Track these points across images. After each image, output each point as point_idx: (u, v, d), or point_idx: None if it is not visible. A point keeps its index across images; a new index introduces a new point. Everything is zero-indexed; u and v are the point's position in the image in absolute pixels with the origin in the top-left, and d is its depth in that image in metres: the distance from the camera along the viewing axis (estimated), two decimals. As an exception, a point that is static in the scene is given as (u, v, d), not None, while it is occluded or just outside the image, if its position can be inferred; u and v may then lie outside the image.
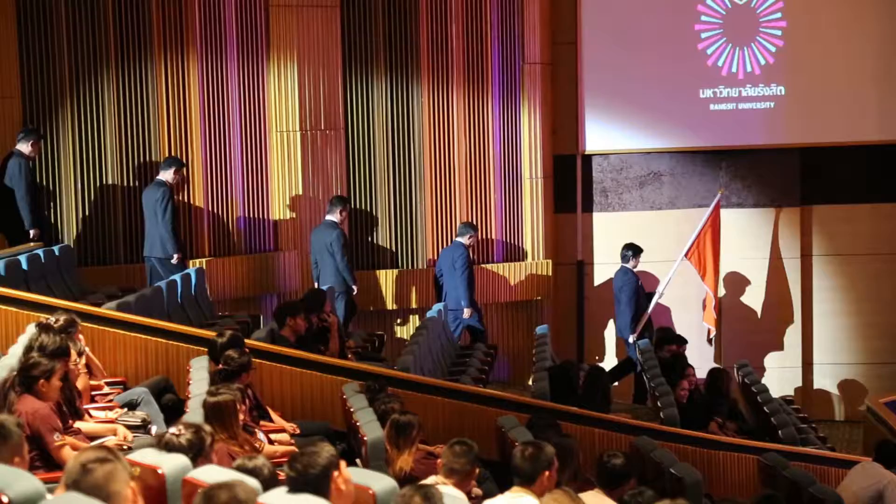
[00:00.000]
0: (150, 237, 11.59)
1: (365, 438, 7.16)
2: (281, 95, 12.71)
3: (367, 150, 13.53)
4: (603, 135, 14.60)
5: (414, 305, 13.49)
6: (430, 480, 6.17)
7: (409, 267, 13.70)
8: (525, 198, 14.03)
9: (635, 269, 13.67)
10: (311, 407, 9.14)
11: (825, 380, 14.78)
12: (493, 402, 9.62)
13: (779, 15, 14.42)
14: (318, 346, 10.14)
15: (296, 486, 4.53)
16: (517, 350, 14.07)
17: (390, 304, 13.54)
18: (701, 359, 14.13)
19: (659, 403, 10.88)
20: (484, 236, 13.89)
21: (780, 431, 10.80)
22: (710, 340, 14.20)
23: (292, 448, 7.51)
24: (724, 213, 14.61)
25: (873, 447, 9.75)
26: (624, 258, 13.70)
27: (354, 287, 12.42)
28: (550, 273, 14.12)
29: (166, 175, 11.64)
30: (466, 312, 12.91)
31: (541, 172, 14.04)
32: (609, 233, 14.71)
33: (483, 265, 13.84)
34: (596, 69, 14.48)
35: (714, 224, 13.97)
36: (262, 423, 8.02)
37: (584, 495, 6.35)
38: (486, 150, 13.84)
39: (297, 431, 8.16)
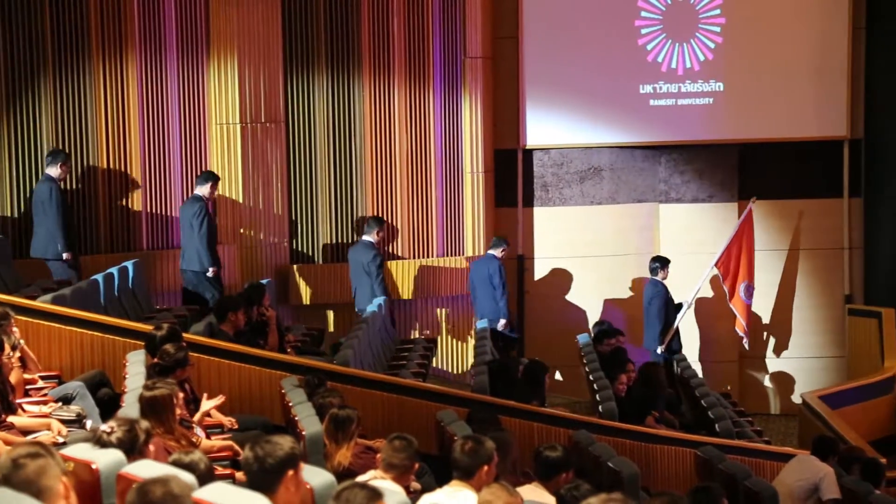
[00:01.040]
0: (186, 251, 11.79)
1: (303, 433, 7.14)
2: (221, 88, 12.61)
3: (308, 143, 13.47)
4: (544, 129, 14.65)
5: (348, 300, 13.44)
6: (368, 475, 6.17)
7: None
8: (466, 192, 14.04)
9: (664, 280, 13.67)
10: (249, 401, 9.10)
11: (761, 374, 14.94)
12: (433, 396, 9.63)
13: (718, 11, 14.53)
14: (258, 341, 10.09)
15: (248, 472, 4.51)
16: (457, 345, 14.08)
17: (331, 298, 13.48)
18: (640, 353, 14.25)
19: (598, 397, 10.94)
20: (424, 230, 13.88)
21: (716, 425, 10.89)
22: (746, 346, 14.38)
23: (230, 443, 7.46)
24: (661, 208, 14.73)
25: (809, 440, 9.86)
26: (652, 271, 13.76)
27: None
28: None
29: (203, 190, 11.85)
30: (502, 324, 13.17)
31: (482, 167, 14.06)
32: (549, 227, 14.76)
33: (423, 259, 13.83)
34: (537, 64, 14.52)
35: (744, 234, 13.97)
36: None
37: (522, 488, 6.37)
38: (427, 144, 13.83)
39: (236, 426, 8.11)
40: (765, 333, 14.85)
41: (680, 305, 13.76)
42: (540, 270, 14.78)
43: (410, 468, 6.21)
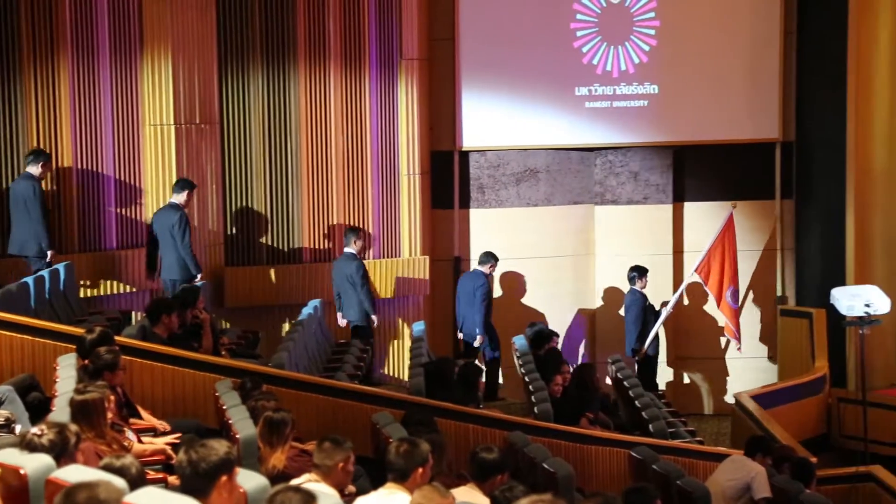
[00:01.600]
0: (166, 260, 11.83)
1: (237, 436, 7.09)
2: (154, 88, 12.48)
3: (243, 144, 13.39)
4: (480, 131, 14.67)
5: (290, 302, 13.38)
6: (302, 478, 6.14)
7: (286, 262, 13.59)
8: (402, 194, 14.02)
9: (643, 289, 13.96)
10: (183, 404, 9.02)
11: (695, 374, 15.07)
12: (368, 398, 9.60)
13: (652, 14, 14.64)
14: (192, 343, 10.01)
15: (182, 476, 4.47)
16: (393, 347, 14.06)
17: (266, 301, 13.41)
18: (576, 354, 14.35)
19: (533, 399, 10.97)
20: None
21: (650, 425, 10.97)
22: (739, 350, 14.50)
23: (164, 447, 7.40)
24: (597, 210, 14.81)
25: (741, 440, 9.96)
26: (631, 280, 14.03)
27: (374, 318, 12.78)
28: (427, 269, 14.13)
29: (179, 198, 11.91)
30: (478, 340, 13.38)
31: (418, 168, 14.05)
32: (486, 229, 14.79)
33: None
34: (473, 66, 14.55)
35: (725, 239, 14.05)
36: (131, 421, 7.88)
37: (457, 490, 6.37)
38: (363, 145, 13.79)
39: (168, 429, 8.04)
40: (700, 333, 14.96)
41: (660, 312, 14.06)
42: (476, 272, 14.77)
43: (343, 470, 6.18)
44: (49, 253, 11.32)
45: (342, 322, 13.00)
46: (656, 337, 14.01)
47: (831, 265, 13.93)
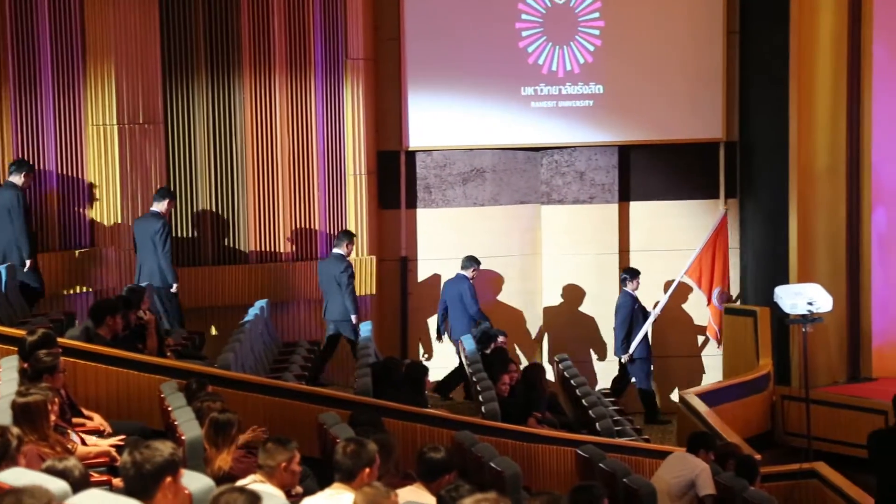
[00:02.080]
0: (146, 267, 12.05)
1: (183, 437, 7.04)
2: (97, 89, 12.38)
3: (188, 144, 13.32)
4: (426, 131, 14.67)
5: (236, 302, 13.30)
6: (248, 479, 6.11)
7: (232, 263, 13.52)
8: (349, 194, 13.98)
9: (635, 291, 14.13)
10: (127, 406, 8.96)
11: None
12: (315, 398, 9.58)
13: (597, 15, 14.70)
14: (137, 345, 9.93)
15: (125, 478, 4.44)
16: (340, 347, 14.00)
17: (211, 301, 13.33)
18: (524, 353, 14.38)
19: (480, 398, 10.99)
20: (307, 232, 13.81)
21: (597, 424, 11.02)
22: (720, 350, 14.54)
23: (109, 449, 7.33)
24: (543, 209, 14.85)
25: (686, 438, 10.02)
26: (622, 281, 14.23)
27: (354, 318, 12.91)
28: (374, 269, 14.11)
29: (160, 206, 12.17)
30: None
31: (364, 168, 14.02)
32: (432, 229, 14.79)
33: (306, 261, 13.75)
34: (419, 66, 14.54)
35: (717, 240, 14.07)
36: (75, 422, 7.80)
37: (403, 490, 6.37)
38: (309, 145, 13.74)
39: (110, 431, 7.97)
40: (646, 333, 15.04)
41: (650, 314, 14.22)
42: (423, 272, 14.80)
43: (288, 470, 6.16)
44: (28, 262, 11.44)
45: (330, 324, 13.14)
46: (645, 339, 14.09)
47: (775, 264, 14.06)
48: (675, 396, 14.12)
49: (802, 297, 12.58)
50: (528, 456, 9.99)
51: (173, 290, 12.10)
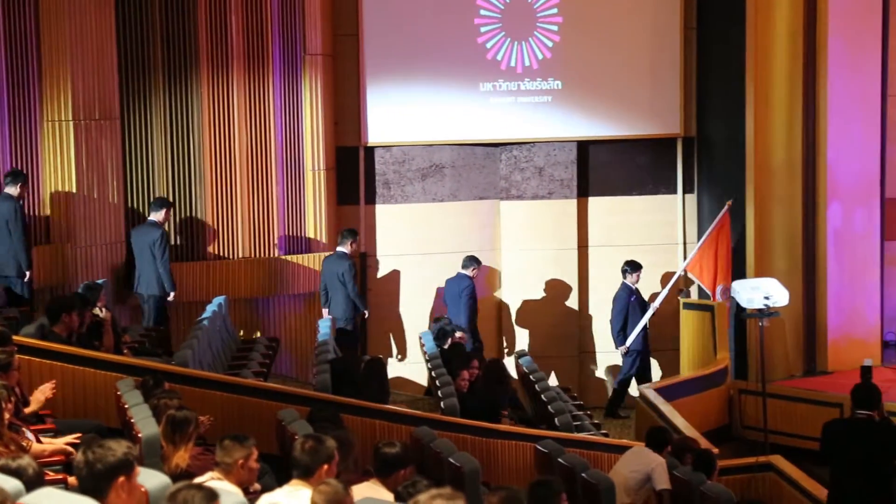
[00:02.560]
0: (145, 276, 12.38)
1: (140, 435, 7.00)
2: (52, 85, 12.27)
3: (145, 140, 13.24)
4: (385, 127, 14.66)
5: (194, 299, 13.24)
6: (205, 477, 6.08)
7: (190, 259, 13.45)
8: (308, 190, 13.95)
9: (635, 284, 14.20)
10: (84, 404, 8.89)
11: (601, 368, 15.21)
12: (274, 395, 9.55)
13: (555, 10, 14.73)
14: (93, 342, 9.86)
15: (79, 477, 4.41)
16: (300, 343, 13.99)
17: (169, 298, 13.25)
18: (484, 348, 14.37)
19: (440, 394, 10.99)
20: (265, 228, 13.76)
21: (556, 419, 11.04)
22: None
23: (65, 447, 7.28)
24: (502, 205, 14.88)
25: (644, 432, 10.06)
26: (623, 273, 14.27)
27: (366, 312, 13.54)
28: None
29: (157, 216, 12.46)
30: (457, 335, 13.43)
31: (323, 164, 13.98)
32: (392, 225, 14.78)
33: (265, 257, 13.70)
34: (377, 61, 14.52)
35: (719, 236, 13.96)
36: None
37: (359, 486, 6.35)
38: (267, 141, 13.69)
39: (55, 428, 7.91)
40: (605, 328, 15.09)
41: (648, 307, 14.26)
42: (383, 268, 14.78)
43: (245, 467, 6.13)
44: (27, 273, 11.59)
45: (326, 317, 13.25)
46: (643, 331, 14.14)
47: (732, 258, 14.14)
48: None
49: (759, 292, 12.66)
50: (488, 451, 9.99)
51: (170, 298, 12.43)
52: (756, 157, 13.81)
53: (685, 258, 14.95)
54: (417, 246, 14.70)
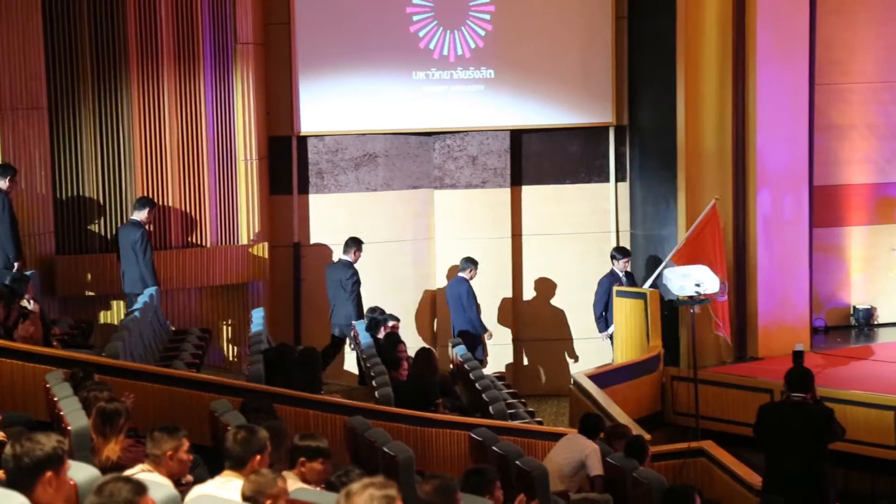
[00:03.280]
0: (130, 275, 12.49)
1: (69, 428, 6.91)
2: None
3: (74, 130, 13.07)
4: (318, 116, 14.59)
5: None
6: (135, 469, 6.02)
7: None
8: (240, 180, 13.85)
9: (623, 270, 14.15)
10: (11, 397, 8.77)
11: (535, 355, 15.27)
12: (206, 386, 9.48)
13: (487, 0, 14.74)
14: (20, 334, 9.72)
15: (6, 471, 4.34)
16: (233, 334, 13.90)
17: (100, 290, 13.11)
18: (416, 338, 14.39)
19: (374, 383, 10.97)
20: (197, 218, 13.65)
21: (490, 407, 11.07)
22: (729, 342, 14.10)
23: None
24: (436, 194, 14.88)
25: (578, 419, 10.11)
26: (612, 259, 14.25)
27: (355, 324, 13.12)
28: (266, 255, 14.00)
29: (140, 215, 12.60)
30: (487, 336, 14.01)
31: (255, 154, 13.89)
32: (325, 215, 14.72)
33: (196, 248, 13.59)
34: (309, 50, 14.45)
35: (707, 230, 13.76)
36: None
37: (212, 481, 6.27)
38: (198, 131, 13.57)
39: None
40: (539, 315, 15.16)
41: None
42: (317, 258, 14.72)
43: (176, 459, 6.08)
44: (16, 265, 11.62)
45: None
46: None
47: (664, 246, 14.26)
48: (568, 379, 14.23)
49: (690, 279, 12.76)
50: (422, 440, 10.00)
51: (153, 291, 12.31)
52: (687, 145, 13.93)
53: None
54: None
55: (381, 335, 12.68)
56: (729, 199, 14.02)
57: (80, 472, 4.83)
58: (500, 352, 14.84)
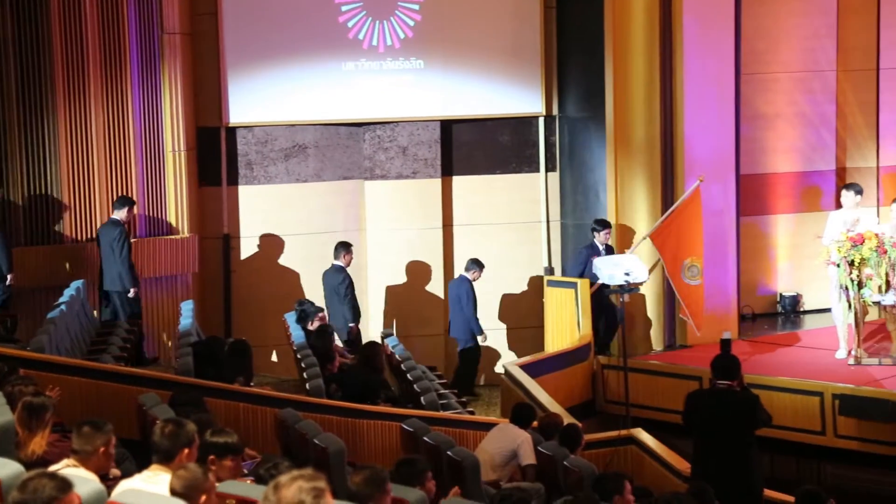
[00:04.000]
0: (109, 273, 12.55)
1: (-7, 423, 6.81)
2: None
3: (-3, 122, 12.87)
4: (247, 107, 14.50)
5: (51, 283, 12.93)
6: (60, 464, 5.95)
7: (46, 243, 13.12)
8: (168, 171, 13.73)
9: (603, 244, 13.79)
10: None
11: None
12: (134, 380, 9.40)
13: (416, -10, 14.74)
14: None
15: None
16: (162, 326, 13.77)
17: (25, 283, 12.92)
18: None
19: (305, 375, 10.94)
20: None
21: (422, 398, 11.08)
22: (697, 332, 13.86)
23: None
24: (367, 185, 14.85)
25: (510, 409, 10.15)
26: (592, 231, 13.94)
27: (352, 325, 13.65)
28: (196, 247, 13.89)
29: (120, 214, 12.64)
30: (481, 339, 14.18)
31: (183, 145, 13.77)
32: (255, 206, 14.64)
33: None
34: (238, 41, 14.34)
35: (688, 210, 13.65)
36: None
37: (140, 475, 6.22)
38: (125, 123, 13.41)
39: None
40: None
41: None
42: (246, 250, 14.64)
43: (105, 454, 6.01)
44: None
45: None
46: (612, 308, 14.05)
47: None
48: (499, 368, 14.30)
49: (620, 268, 12.84)
50: (353, 431, 9.98)
51: (131, 294, 12.58)
52: (616, 134, 14.02)
53: (548, 235, 15.12)
54: (281, 227, 14.59)
55: (311, 327, 12.63)
56: (658, 188, 14.11)
57: (5, 469, 4.77)
58: (432, 342, 14.85)
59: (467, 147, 15.20)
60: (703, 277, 13.66)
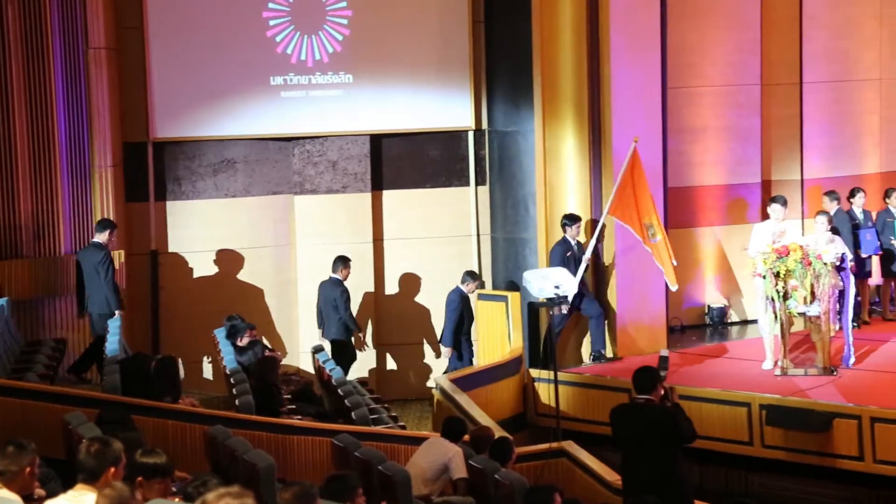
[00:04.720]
0: (93, 295, 12.62)
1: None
2: None
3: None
4: (174, 122, 14.40)
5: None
6: (-17, 485, 5.84)
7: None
8: (94, 187, 13.59)
9: (575, 237, 13.79)
10: None
11: (398, 360, 15.27)
12: (61, 398, 9.27)
13: (344, 4, 14.71)
14: None
15: None
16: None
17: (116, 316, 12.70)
18: (277, 345, 14.27)
19: (234, 391, 10.86)
20: (50, 227, 13.32)
21: (353, 413, 11.04)
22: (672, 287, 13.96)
23: None
24: (296, 200, 14.79)
25: (441, 423, 10.14)
26: (563, 227, 13.85)
27: (361, 335, 14.23)
28: (123, 264, 13.74)
29: (102, 237, 12.69)
30: (446, 351, 14.08)
31: (110, 161, 13.63)
32: (183, 222, 14.53)
33: (50, 257, 13.27)
34: (164, 55, 14.24)
35: (634, 175, 13.52)
36: None
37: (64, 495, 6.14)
38: (50, 138, 13.26)
39: None
40: (401, 319, 15.17)
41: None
42: (175, 266, 14.51)
43: (30, 474, 5.91)
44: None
45: (323, 342, 13.92)
46: (590, 294, 14.05)
47: (525, 249, 14.40)
48: (430, 382, 14.28)
49: (549, 282, 12.88)
50: (284, 447, 9.93)
51: (117, 315, 12.48)
52: (545, 147, 14.09)
53: (479, 249, 15.15)
54: (210, 242, 14.49)
55: (242, 343, 12.54)
56: (587, 201, 14.19)
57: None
58: (364, 357, 14.80)
59: (397, 161, 15.20)
60: (662, 232, 13.79)
